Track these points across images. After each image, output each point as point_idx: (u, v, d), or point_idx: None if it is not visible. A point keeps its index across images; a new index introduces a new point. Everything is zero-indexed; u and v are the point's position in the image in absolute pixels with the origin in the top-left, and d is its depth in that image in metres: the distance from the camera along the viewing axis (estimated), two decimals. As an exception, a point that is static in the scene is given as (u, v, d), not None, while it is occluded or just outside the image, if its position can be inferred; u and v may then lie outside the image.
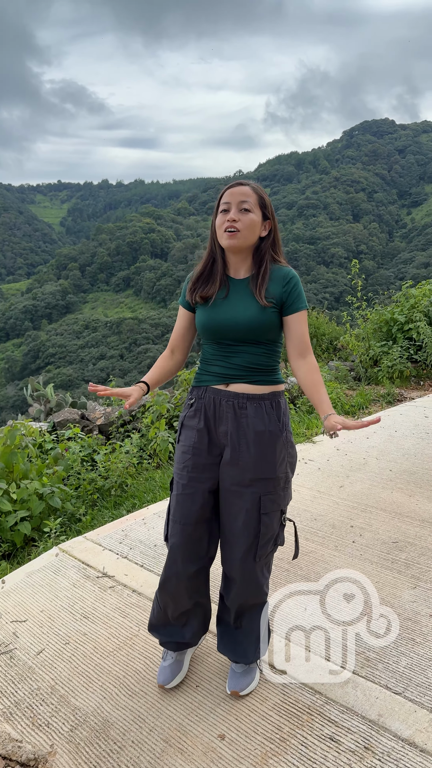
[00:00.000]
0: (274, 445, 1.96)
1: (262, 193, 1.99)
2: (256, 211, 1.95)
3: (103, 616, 2.68)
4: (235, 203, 1.93)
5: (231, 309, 1.97)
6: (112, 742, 2.03)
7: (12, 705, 2.23)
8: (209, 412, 2.01)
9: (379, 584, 2.79)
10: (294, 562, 3.01)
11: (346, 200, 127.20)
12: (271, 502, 1.98)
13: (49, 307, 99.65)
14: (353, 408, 5.74)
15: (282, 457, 1.98)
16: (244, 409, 1.96)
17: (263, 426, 1.95)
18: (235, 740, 1.99)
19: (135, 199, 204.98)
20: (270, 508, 1.98)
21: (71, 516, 4.01)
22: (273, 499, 1.99)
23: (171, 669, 2.24)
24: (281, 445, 1.97)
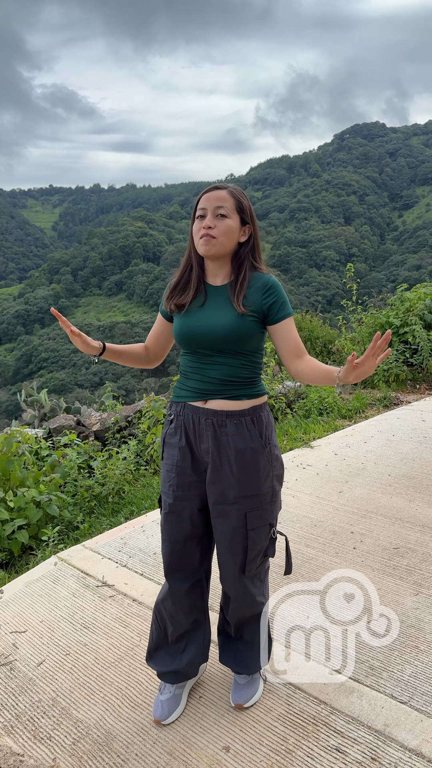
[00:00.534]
0: (257, 462, 1.90)
1: (240, 197, 1.91)
2: (233, 217, 1.88)
3: (104, 626, 2.65)
4: (211, 209, 1.87)
5: (207, 317, 1.90)
6: (116, 755, 2.00)
7: (13, 718, 2.20)
8: (189, 429, 1.95)
9: (381, 591, 2.77)
10: (295, 568, 2.99)
11: (337, 203, 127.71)
12: (257, 518, 1.93)
13: (42, 312, 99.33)
14: (350, 412, 5.73)
15: (267, 473, 1.93)
16: (223, 427, 1.90)
17: (244, 444, 1.88)
18: (240, 752, 1.97)
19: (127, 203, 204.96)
20: (257, 524, 1.93)
21: (69, 524, 3.98)
22: (260, 514, 1.93)
23: (168, 704, 2.13)
24: (265, 460, 1.92)
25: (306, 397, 6.00)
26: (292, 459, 4.54)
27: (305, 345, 9.45)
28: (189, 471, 1.96)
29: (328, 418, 5.56)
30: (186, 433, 1.95)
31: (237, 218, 1.90)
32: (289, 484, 4.05)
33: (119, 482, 4.42)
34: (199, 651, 2.16)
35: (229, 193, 1.89)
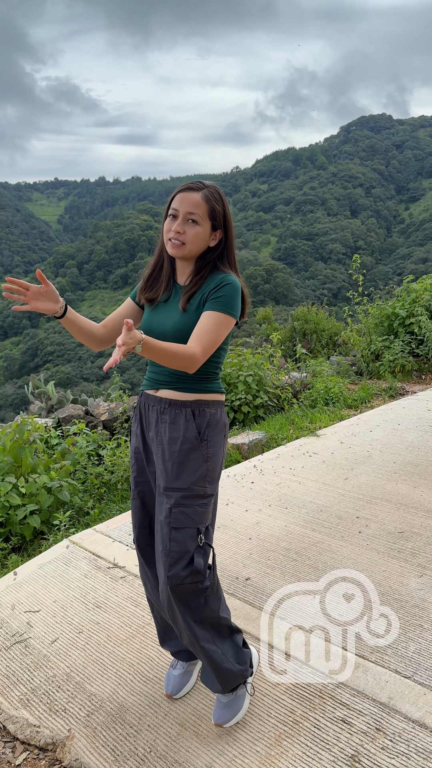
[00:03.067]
0: (186, 456, 1.85)
1: (214, 203, 1.86)
2: (203, 224, 1.85)
3: (116, 606, 2.72)
4: (183, 213, 1.84)
5: (164, 314, 1.92)
6: (129, 726, 2.08)
7: (29, 692, 2.27)
8: (143, 417, 1.98)
9: (386, 573, 2.83)
10: (302, 551, 3.05)
11: (343, 196, 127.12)
12: (183, 515, 1.83)
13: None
14: (356, 402, 5.78)
15: (196, 469, 1.86)
16: (164, 414, 1.90)
17: (177, 434, 1.86)
18: (249, 723, 2.04)
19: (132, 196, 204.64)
20: (181, 523, 1.83)
21: (79, 509, 4.06)
22: (185, 512, 1.84)
23: (180, 679, 2.19)
24: (197, 457, 1.86)
25: (312, 387, 6.05)
26: (298, 447, 4.60)
27: (311, 337, 9.50)
28: (142, 457, 2.00)
29: (334, 408, 5.61)
30: (140, 420, 1.99)
31: (208, 224, 1.87)
32: (295, 471, 4.11)
33: (128, 470, 4.49)
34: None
35: (203, 197, 1.85)
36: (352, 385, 6.42)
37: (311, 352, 9.03)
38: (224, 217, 1.90)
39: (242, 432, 5.14)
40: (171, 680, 2.21)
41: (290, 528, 3.32)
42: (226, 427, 1.98)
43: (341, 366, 6.86)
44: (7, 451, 3.88)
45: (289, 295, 79.40)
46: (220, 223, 1.89)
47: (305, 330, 9.72)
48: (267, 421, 5.41)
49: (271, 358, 6.55)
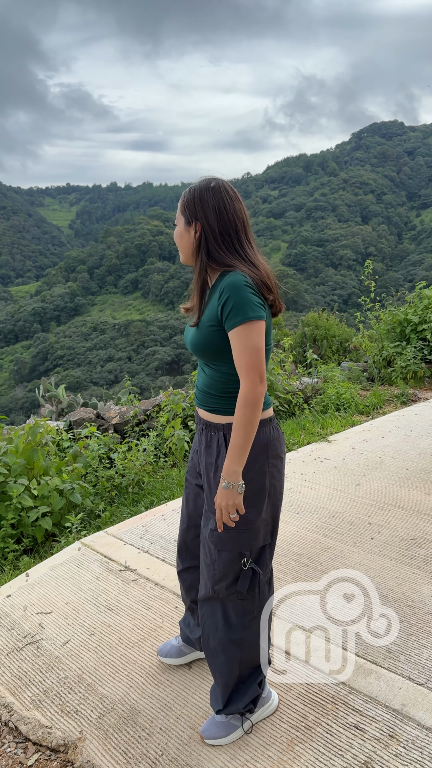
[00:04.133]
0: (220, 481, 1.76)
1: (186, 198, 1.79)
2: (179, 221, 1.81)
3: (127, 608, 2.72)
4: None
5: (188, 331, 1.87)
6: (140, 728, 2.08)
7: (41, 693, 2.28)
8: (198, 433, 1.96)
9: (398, 579, 2.82)
10: (313, 556, 3.05)
11: (354, 202, 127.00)
12: (222, 540, 1.80)
13: (58, 310, 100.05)
14: (367, 408, 5.76)
15: None
16: (201, 435, 1.88)
17: (212, 458, 1.82)
18: (261, 728, 2.04)
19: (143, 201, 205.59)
20: (223, 546, 1.81)
21: (90, 512, 4.07)
22: (227, 537, 1.79)
23: (173, 650, 2.35)
24: None
25: (323, 393, 6.04)
26: (309, 452, 4.59)
27: (321, 343, 9.48)
28: (194, 462, 2.03)
29: (345, 414, 5.60)
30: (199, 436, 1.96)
31: (182, 220, 1.80)
32: (307, 477, 4.10)
33: (139, 473, 4.50)
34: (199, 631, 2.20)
35: (181, 197, 1.83)
36: (364, 391, 6.41)
37: (321, 358, 9.01)
38: (195, 207, 1.76)
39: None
40: (166, 646, 2.37)
41: (302, 533, 3.32)
42: (275, 446, 1.83)
43: (352, 372, 6.85)
44: (20, 453, 3.90)
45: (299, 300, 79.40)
46: (194, 213, 1.76)
47: (316, 336, 9.71)
48: (278, 426, 5.40)
49: (282, 364, 6.55)
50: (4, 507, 3.57)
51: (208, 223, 1.75)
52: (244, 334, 1.64)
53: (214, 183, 1.78)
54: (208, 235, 1.75)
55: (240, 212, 1.78)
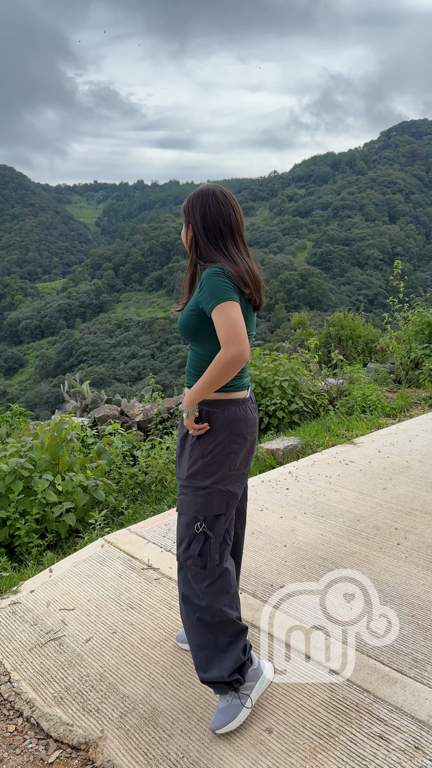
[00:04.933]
0: (185, 449, 2.04)
1: (186, 203, 2.03)
2: (184, 223, 2.05)
3: (150, 608, 2.72)
4: None
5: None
6: (161, 730, 2.06)
7: (62, 690, 2.28)
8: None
9: (425, 587, 2.76)
10: (338, 561, 3.00)
11: (382, 201, 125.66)
12: (182, 503, 2.03)
13: (83, 306, 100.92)
14: (394, 410, 5.68)
15: (193, 462, 1.99)
16: (181, 412, 2.09)
17: (184, 430, 2.07)
18: (284, 734, 2.01)
19: (169, 199, 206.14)
20: (182, 509, 2.03)
21: (113, 509, 4.08)
22: (184, 500, 2.02)
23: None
24: (193, 450, 2.00)
25: (349, 394, 5.97)
26: (334, 455, 4.53)
27: (346, 343, 9.39)
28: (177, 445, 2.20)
29: (371, 416, 5.52)
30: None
31: (185, 222, 2.04)
32: (331, 479, 4.05)
33: (162, 472, 4.50)
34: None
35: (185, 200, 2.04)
36: (390, 393, 6.32)
37: (346, 359, 8.93)
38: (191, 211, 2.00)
39: (277, 437, 5.10)
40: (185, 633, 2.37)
41: (326, 537, 3.27)
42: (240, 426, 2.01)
43: (379, 373, 6.76)
44: (45, 448, 3.92)
45: (324, 300, 78.76)
46: (188, 217, 2.02)
47: (341, 336, 9.62)
48: (302, 427, 5.35)
49: (307, 364, 6.49)
50: (29, 502, 3.59)
51: (197, 225, 1.99)
52: (220, 311, 1.82)
53: (204, 189, 2.01)
54: (197, 236, 2.00)
55: (226, 216, 1.98)
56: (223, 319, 1.81)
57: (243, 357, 1.80)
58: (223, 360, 1.81)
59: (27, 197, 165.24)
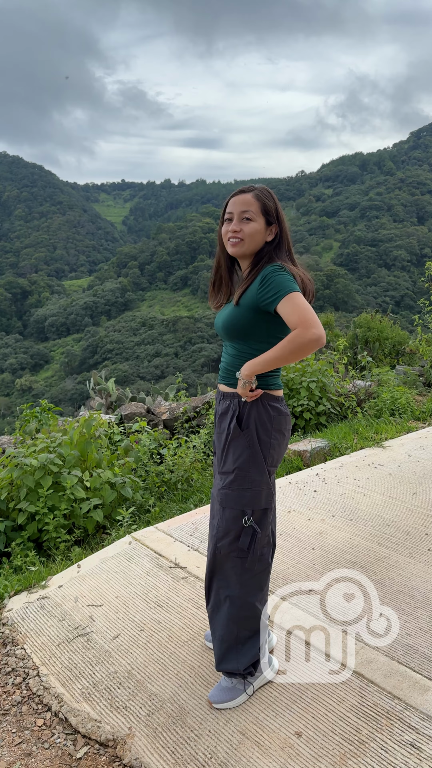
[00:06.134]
0: (230, 442, 2.03)
1: (265, 200, 2.00)
2: (258, 219, 1.99)
3: (177, 606, 2.72)
4: (237, 213, 1.99)
5: (223, 311, 2.11)
6: (189, 729, 2.06)
7: (90, 686, 2.29)
8: (216, 406, 2.18)
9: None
10: (367, 565, 2.97)
11: (411, 202, 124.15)
12: (226, 497, 2.03)
13: (109, 304, 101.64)
14: (424, 414, 5.60)
15: (239, 454, 2.01)
16: (219, 405, 2.12)
17: (226, 422, 2.06)
18: (313, 738, 1.99)
19: (196, 198, 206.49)
20: (227, 503, 2.03)
21: (140, 506, 4.09)
22: (229, 495, 2.02)
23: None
24: (239, 442, 2.01)
25: (377, 396, 5.91)
26: (363, 458, 4.48)
27: (373, 345, 9.28)
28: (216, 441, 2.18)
29: (400, 419, 5.45)
30: (216, 409, 2.18)
31: (262, 220, 2.00)
32: (360, 483, 4.01)
33: (188, 470, 4.50)
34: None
35: (254, 196, 2.00)
36: (420, 397, 6.23)
37: (374, 360, 8.83)
38: (277, 212, 2.02)
39: (304, 439, 5.06)
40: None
41: (355, 541, 3.24)
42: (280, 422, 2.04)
43: (408, 376, 6.67)
44: (74, 444, 3.95)
45: (350, 301, 78.10)
46: (274, 218, 2.01)
47: (368, 337, 9.52)
48: (329, 429, 5.31)
49: (335, 365, 6.44)
50: (57, 497, 3.62)
51: (282, 228, 2.03)
52: (290, 299, 1.84)
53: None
54: (282, 239, 2.03)
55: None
56: (295, 305, 1.83)
57: (322, 341, 1.81)
58: (300, 339, 1.81)
59: (55, 195, 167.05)
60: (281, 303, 1.86)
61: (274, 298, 1.87)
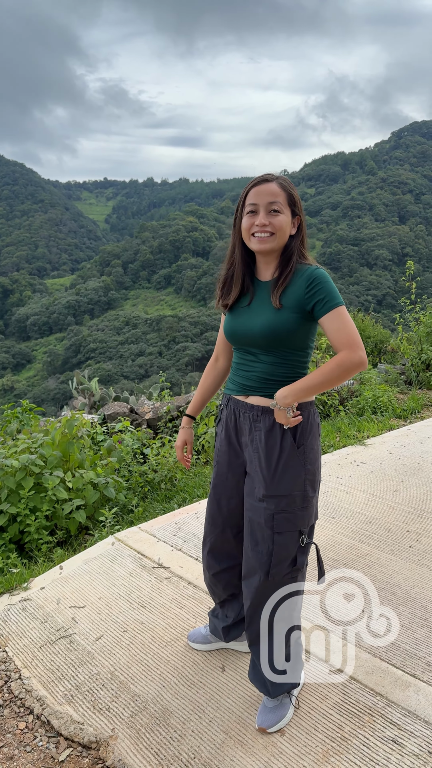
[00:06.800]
0: (287, 463, 1.84)
1: (291, 190, 1.85)
2: (285, 212, 1.82)
3: (160, 606, 2.71)
4: (264, 204, 1.80)
5: (250, 315, 1.88)
6: (173, 730, 2.05)
7: (73, 688, 2.27)
8: (230, 422, 1.98)
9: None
10: (349, 563, 2.98)
11: (392, 202, 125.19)
12: (285, 521, 1.86)
13: (92, 303, 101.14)
14: (405, 412, 5.65)
15: (297, 474, 1.85)
16: (258, 422, 1.88)
17: (274, 441, 1.85)
18: (296, 736, 1.99)
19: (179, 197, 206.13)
20: (284, 528, 1.87)
21: (123, 507, 4.07)
22: (288, 518, 1.86)
23: (200, 637, 2.43)
24: (296, 462, 1.85)
25: (359, 395, 5.95)
26: (345, 456, 4.51)
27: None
28: (226, 462, 2.01)
29: (382, 417, 5.49)
30: (227, 425, 1.99)
31: (289, 212, 1.84)
32: (342, 481, 4.03)
33: (172, 470, 4.49)
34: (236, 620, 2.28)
35: (279, 185, 1.82)
36: (401, 395, 6.28)
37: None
38: (298, 204, 1.88)
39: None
40: (196, 633, 2.45)
41: (337, 538, 3.26)
42: (319, 428, 1.95)
43: (389, 374, 6.72)
44: (56, 445, 3.92)
45: (333, 300, 78.11)
46: (298, 208, 1.87)
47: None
48: (312, 428, 5.32)
49: (317, 364, 6.46)
50: (39, 498, 3.59)
51: (302, 222, 1.90)
52: (340, 314, 1.75)
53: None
54: (303, 232, 1.90)
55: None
56: (344, 323, 1.73)
57: (365, 364, 1.72)
58: (348, 363, 1.69)
59: (37, 193, 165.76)
60: (329, 315, 1.74)
61: (323, 307, 1.75)
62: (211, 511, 2.12)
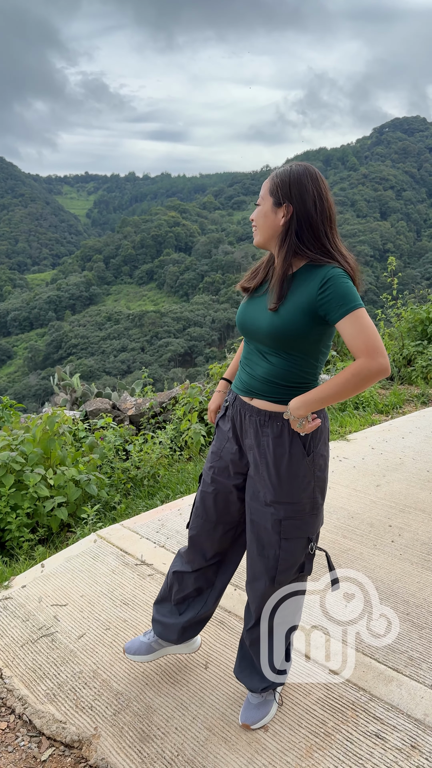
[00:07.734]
0: (296, 469, 1.78)
1: (277, 180, 1.72)
2: (265, 202, 1.74)
3: (143, 604, 2.69)
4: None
5: (257, 310, 1.80)
6: (156, 727, 2.04)
7: (55, 687, 2.25)
8: (236, 421, 1.91)
9: (420, 584, 2.76)
10: (332, 558, 2.99)
11: (374, 198, 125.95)
12: (293, 528, 1.82)
13: (73, 298, 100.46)
14: (387, 407, 5.69)
15: (307, 482, 1.79)
16: (265, 428, 1.80)
17: (283, 448, 1.77)
18: (279, 732, 2.00)
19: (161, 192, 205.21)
20: (292, 534, 1.83)
21: (106, 504, 4.04)
22: (296, 525, 1.82)
23: (142, 646, 2.23)
24: (305, 469, 1.78)
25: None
26: (327, 451, 4.53)
27: (338, 339, 9.37)
28: (232, 459, 1.94)
29: (364, 413, 5.52)
30: (233, 424, 1.92)
31: (269, 201, 1.73)
32: (325, 476, 4.04)
33: (155, 466, 4.47)
34: (195, 617, 2.14)
35: (270, 177, 1.77)
36: (383, 390, 6.32)
37: (338, 354, 8.92)
38: (291, 190, 1.70)
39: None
40: (135, 642, 2.26)
41: (320, 533, 3.26)
42: (329, 433, 1.90)
43: (371, 370, 6.76)
44: (37, 442, 3.88)
45: (315, 296, 78.44)
46: (286, 195, 1.70)
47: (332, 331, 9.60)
48: (295, 423, 5.33)
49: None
50: (20, 496, 3.55)
51: (305, 208, 1.70)
52: (357, 318, 1.61)
53: (313, 170, 1.74)
54: (301, 221, 1.71)
55: (333, 204, 1.77)
56: (362, 328, 1.60)
57: (388, 371, 1.60)
58: (366, 372, 1.58)
59: (17, 187, 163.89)
60: (345, 320, 1.61)
61: (337, 311, 1.62)
62: (205, 505, 2.02)
